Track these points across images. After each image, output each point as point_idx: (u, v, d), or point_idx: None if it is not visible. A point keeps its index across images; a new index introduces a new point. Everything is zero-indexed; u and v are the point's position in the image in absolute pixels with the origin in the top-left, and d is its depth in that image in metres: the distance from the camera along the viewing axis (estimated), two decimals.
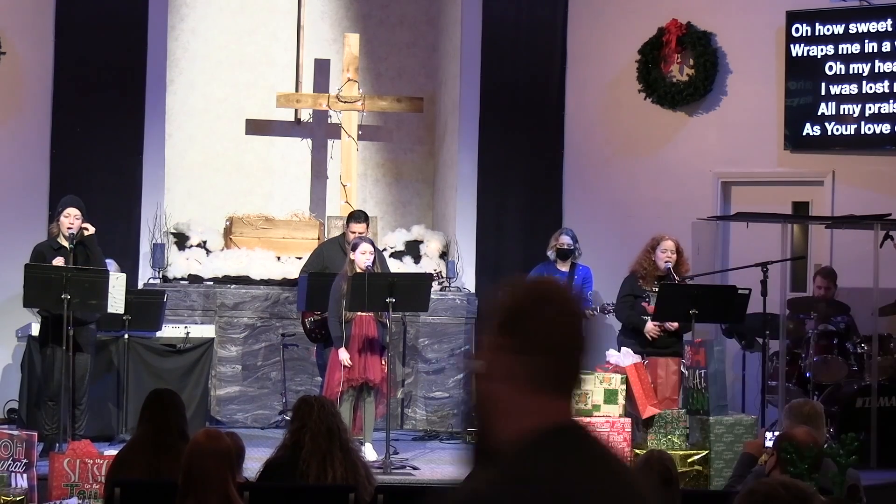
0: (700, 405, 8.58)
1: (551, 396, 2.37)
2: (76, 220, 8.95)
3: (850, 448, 4.50)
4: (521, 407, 2.35)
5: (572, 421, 2.41)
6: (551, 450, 2.33)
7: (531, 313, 2.37)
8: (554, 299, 2.39)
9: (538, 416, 2.34)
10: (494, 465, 2.34)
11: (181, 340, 10.01)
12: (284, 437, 5.75)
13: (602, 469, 2.38)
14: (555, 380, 2.37)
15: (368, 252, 9.06)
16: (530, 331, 2.35)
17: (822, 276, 10.26)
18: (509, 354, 2.35)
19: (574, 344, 2.39)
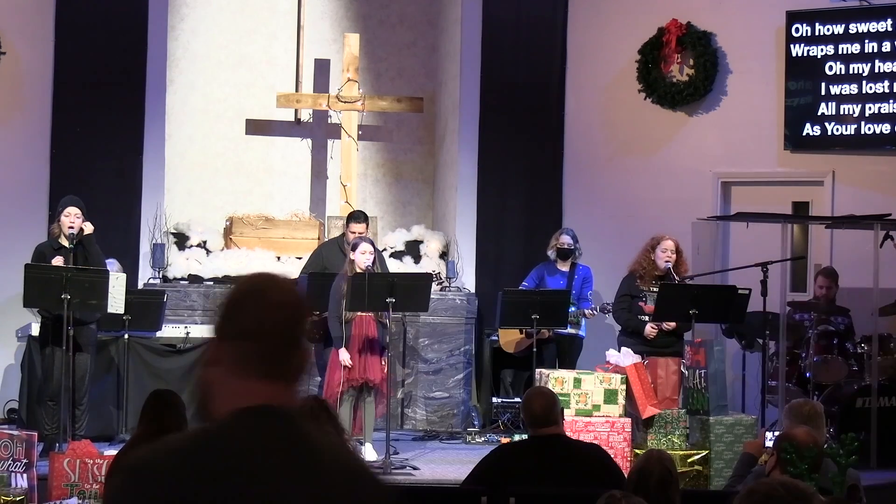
0: (700, 405, 8.58)
1: (261, 381, 2.45)
2: (77, 218, 8.95)
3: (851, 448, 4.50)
4: (230, 389, 2.46)
5: (277, 405, 2.44)
6: (230, 426, 2.42)
7: (242, 303, 2.50)
8: (266, 291, 2.51)
9: (244, 398, 2.44)
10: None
11: (181, 340, 10.02)
12: None
13: (284, 454, 2.39)
14: (262, 365, 2.46)
15: (368, 252, 9.06)
16: (239, 319, 2.49)
17: (823, 276, 10.26)
18: (223, 341, 2.49)
19: (282, 332, 2.48)
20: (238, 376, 2.46)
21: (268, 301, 2.49)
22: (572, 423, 8.20)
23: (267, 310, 2.48)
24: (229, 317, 2.49)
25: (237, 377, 2.46)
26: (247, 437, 2.40)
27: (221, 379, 2.47)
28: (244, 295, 2.51)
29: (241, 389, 2.45)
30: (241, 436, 2.40)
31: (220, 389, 2.48)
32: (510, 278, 11.08)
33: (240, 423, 2.42)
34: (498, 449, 5.87)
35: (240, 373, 2.46)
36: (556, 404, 5.73)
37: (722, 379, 8.73)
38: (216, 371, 2.48)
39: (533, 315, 9.33)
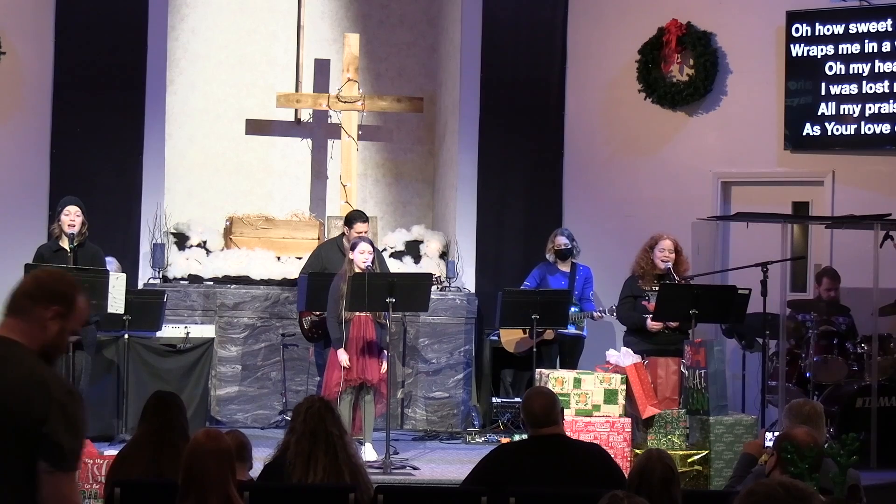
0: (700, 405, 8.58)
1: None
2: (77, 217, 8.94)
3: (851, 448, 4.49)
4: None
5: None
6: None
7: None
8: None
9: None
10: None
11: (181, 340, 10.02)
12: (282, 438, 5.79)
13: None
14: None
15: (367, 252, 9.06)
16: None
17: (828, 278, 10.25)
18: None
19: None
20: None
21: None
22: (572, 423, 8.20)
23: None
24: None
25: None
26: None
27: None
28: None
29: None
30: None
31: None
32: (510, 278, 11.08)
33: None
34: (498, 449, 5.86)
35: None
36: (556, 404, 5.72)
37: (722, 379, 8.73)
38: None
39: (533, 315, 9.33)
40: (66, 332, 3.59)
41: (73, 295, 3.60)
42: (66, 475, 3.37)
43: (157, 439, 5.73)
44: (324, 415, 5.49)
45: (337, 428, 5.50)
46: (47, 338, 3.51)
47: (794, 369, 9.80)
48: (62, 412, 3.35)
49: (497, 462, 5.66)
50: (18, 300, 3.53)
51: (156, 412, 5.83)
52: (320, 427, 5.44)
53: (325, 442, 5.43)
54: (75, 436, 3.38)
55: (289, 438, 5.54)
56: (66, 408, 3.37)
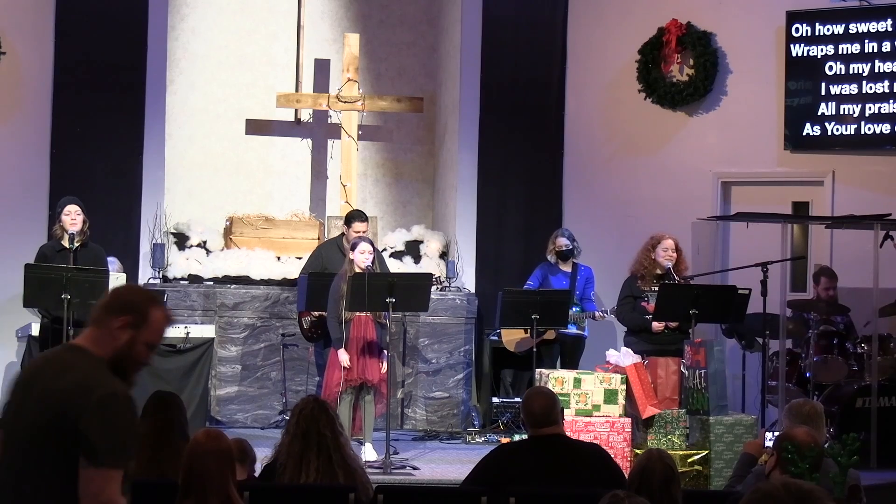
0: (700, 405, 8.58)
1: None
2: (77, 216, 8.95)
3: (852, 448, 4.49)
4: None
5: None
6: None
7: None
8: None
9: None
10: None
11: (181, 340, 10.01)
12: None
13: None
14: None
15: (367, 252, 9.06)
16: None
17: (827, 278, 10.25)
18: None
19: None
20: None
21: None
22: (572, 423, 8.20)
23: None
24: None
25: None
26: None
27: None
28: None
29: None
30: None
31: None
32: (510, 278, 11.08)
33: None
34: (498, 449, 5.86)
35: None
36: (556, 404, 5.72)
37: (722, 379, 8.73)
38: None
39: (533, 315, 9.33)
40: (139, 344, 3.69)
41: (147, 307, 3.71)
42: (97, 470, 3.46)
43: (156, 439, 5.72)
44: (317, 416, 5.48)
45: (331, 430, 5.47)
46: (117, 347, 3.64)
47: (794, 369, 9.80)
48: (100, 412, 3.48)
49: (497, 462, 5.66)
50: (96, 311, 3.71)
51: (155, 412, 5.82)
52: (313, 429, 5.43)
53: (317, 444, 5.42)
54: (111, 435, 3.48)
55: (284, 439, 5.54)
56: (107, 409, 3.49)
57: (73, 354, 3.67)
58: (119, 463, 3.51)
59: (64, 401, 3.51)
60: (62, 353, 3.76)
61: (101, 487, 3.47)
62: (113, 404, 3.52)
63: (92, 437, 3.47)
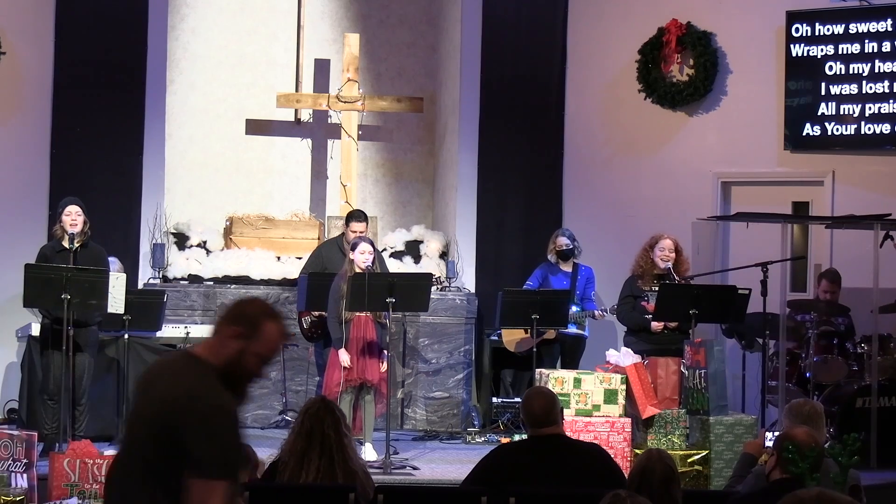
0: (700, 405, 8.58)
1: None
2: (78, 216, 8.94)
3: (853, 448, 4.49)
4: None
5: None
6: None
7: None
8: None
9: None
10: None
11: (181, 340, 10.01)
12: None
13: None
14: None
15: (368, 252, 9.06)
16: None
17: (827, 280, 10.24)
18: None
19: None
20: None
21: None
22: (572, 423, 8.20)
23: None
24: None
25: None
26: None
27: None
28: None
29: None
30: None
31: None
32: (510, 278, 11.08)
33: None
34: (498, 449, 5.86)
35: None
36: (556, 404, 5.72)
37: (722, 379, 8.72)
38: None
39: (533, 315, 9.32)
40: (250, 355, 3.72)
41: (260, 319, 3.74)
42: (201, 482, 3.51)
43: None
44: (322, 417, 5.48)
45: (335, 431, 5.47)
46: (228, 356, 3.69)
47: (794, 369, 9.80)
48: (203, 424, 3.54)
49: (497, 462, 5.66)
50: (217, 320, 3.81)
51: None
52: (317, 429, 5.42)
53: (319, 444, 5.42)
54: (215, 447, 3.54)
55: (289, 437, 5.54)
56: (209, 420, 3.55)
57: (186, 362, 3.74)
58: (222, 474, 3.54)
59: (172, 410, 3.57)
60: (178, 359, 3.86)
61: (204, 498, 3.51)
62: (218, 417, 3.57)
63: (196, 449, 3.51)
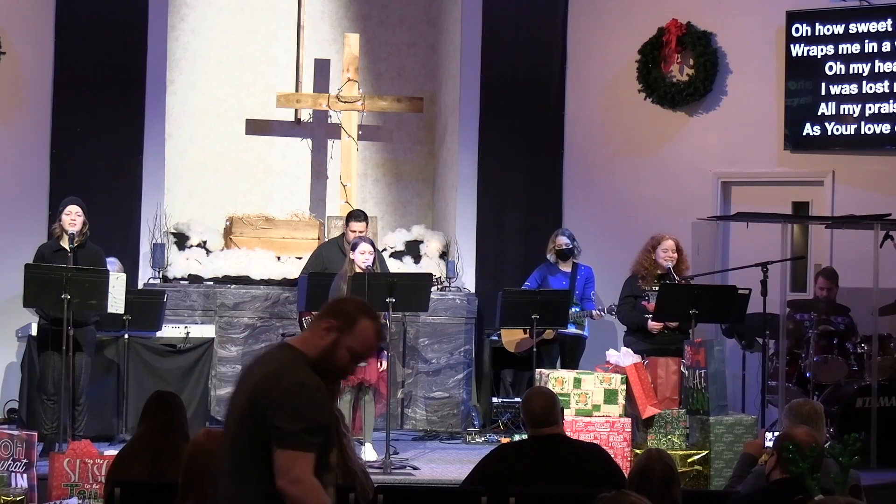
0: (700, 405, 8.58)
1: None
2: (77, 216, 8.94)
3: (853, 448, 4.49)
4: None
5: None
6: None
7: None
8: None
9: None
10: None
11: (181, 340, 10.02)
12: None
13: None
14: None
15: (368, 252, 9.06)
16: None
17: (824, 278, 10.26)
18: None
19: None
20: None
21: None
22: (572, 423, 8.20)
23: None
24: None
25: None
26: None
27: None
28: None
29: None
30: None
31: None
32: (510, 278, 11.08)
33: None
34: (498, 449, 5.86)
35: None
36: (556, 404, 5.72)
37: (722, 379, 8.72)
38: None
39: (533, 315, 9.33)
40: (342, 348, 3.84)
41: (357, 315, 3.87)
42: (284, 451, 3.68)
43: (157, 439, 5.73)
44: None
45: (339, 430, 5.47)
46: (321, 348, 3.83)
47: (794, 369, 9.80)
48: (286, 399, 3.70)
49: (497, 462, 5.66)
50: (315, 315, 4.01)
51: (156, 412, 5.83)
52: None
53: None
54: (296, 419, 3.68)
55: None
56: (293, 397, 3.70)
57: (280, 350, 3.91)
58: (304, 446, 3.69)
59: (261, 390, 3.74)
60: (274, 349, 3.99)
61: (288, 466, 3.67)
62: (299, 392, 3.71)
63: (277, 422, 3.67)
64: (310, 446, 3.71)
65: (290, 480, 3.66)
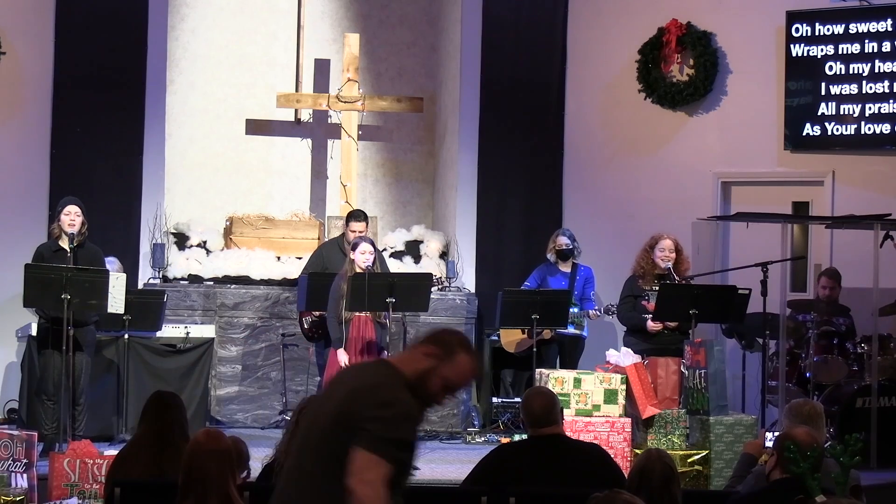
0: (700, 405, 8.57)
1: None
2: (77, 217, 8.93)
3: (855, 449, 4.49)
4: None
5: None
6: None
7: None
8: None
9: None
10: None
11: (181, 340, 10.01)
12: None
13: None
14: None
15: (368, 252, 9.06)
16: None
17: (826, 277, 10.26)
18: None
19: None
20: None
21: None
22: (572, 423, 8.20)
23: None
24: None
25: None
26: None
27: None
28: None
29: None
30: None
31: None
32: (510, 278, 11.07)
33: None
34: (498, 449, 5.86)
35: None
36: (556, 404, 5.72)
37: (722, 379, 8.72)
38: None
39: (533, 315, 9.32)
40: (438, 377, 3.88)
41: (457, 347, 3.93)
42: (364, 452, 3.69)
43: (157, 440, 5.72)
44: None
45: None
46: (416, 370, 3.87)
47: (794, 369, 9.80)
48: (383, 408, 3.74)
49: (497, 462, 5.65)
50: (414, 341, 4.07)
51: (156, 412, 5.82)
52: None
53: None
54: (388, 428, 3.71)
55: (284, 438, 5.53)
56: (391, 407, 3.75)
57: (378, 365, 4.04)
58: (387, 454, 3.69)
59: (355, 397, 3.78)
60: (371, 363, 4.23)
61: (363, 467, 3.68)
62: (397, 404, 3.77)
63: (368, 425, 3.68)
64: (392, 458, 3.71)
65: (362, 481, 3.65)
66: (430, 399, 3.91)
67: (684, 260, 9.72)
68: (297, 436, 5.33)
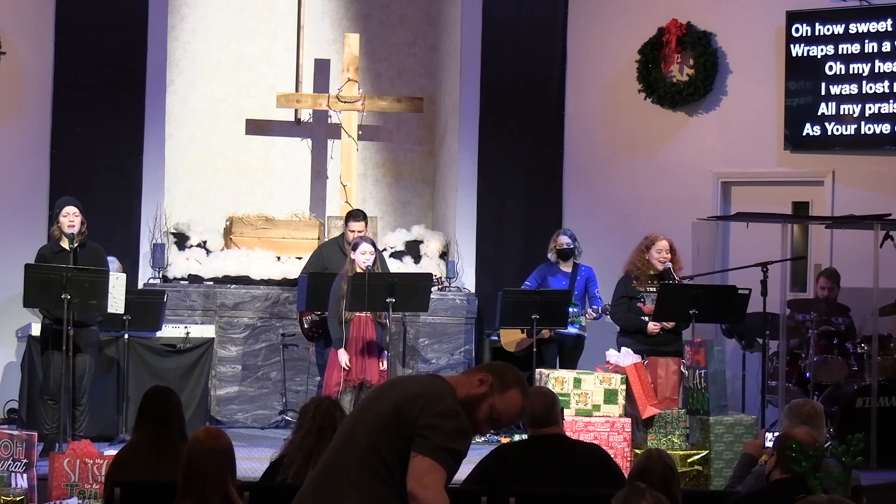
0: (700, 405, 8.57)
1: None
2: (75, 217, 8.92)
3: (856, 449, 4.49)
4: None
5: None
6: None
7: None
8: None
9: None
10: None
11: (181, 340, 10.01)
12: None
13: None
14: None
15: (368, 252, 9.06)
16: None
17: (825, 277, 10.26)
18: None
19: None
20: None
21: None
22: (572, 423, 8.20)
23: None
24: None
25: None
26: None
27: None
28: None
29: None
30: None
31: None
32: (510, 278, 11.07)
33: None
34: (498, 449, 5.85)
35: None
36: (556, 404, 5.72)
37: (722, 379, 8.72)
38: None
39: (533, 315, 9.32)
40: (487, 405, 3.96)
41: (512, 383, 4.01)
42: (425, 458, 3.79)
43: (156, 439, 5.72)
44: (333, 412, 5.47)
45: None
46: (469, 394, 3.95)
47: (794, 369, 9.80)
48: (444, 419, 3.82)
49: (497, 462, 5.65)
50: (473, 368, 4.14)
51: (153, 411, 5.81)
52: (329, 424, 5.40)
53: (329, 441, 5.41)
54: (449, 439, 3.81)
55: (296, 436, 5.51)
56: (451, 419, 3.84)
57: (436, 378, 4.04)
58: (444, 461, 3.79)
59: (413, 405, 3.85)
60: (428, 375, 4.14)
61: (424, 472, 3.78)
62: (457, 417, 3.85)
63: (429, 433, 3.78)
64: (448, 466, 3.81)
65: (423, 485, 3.76)
66: (475, 425, 3.98)
67: (678, 260, 9.69)
68: (332, 437, 5.37)
